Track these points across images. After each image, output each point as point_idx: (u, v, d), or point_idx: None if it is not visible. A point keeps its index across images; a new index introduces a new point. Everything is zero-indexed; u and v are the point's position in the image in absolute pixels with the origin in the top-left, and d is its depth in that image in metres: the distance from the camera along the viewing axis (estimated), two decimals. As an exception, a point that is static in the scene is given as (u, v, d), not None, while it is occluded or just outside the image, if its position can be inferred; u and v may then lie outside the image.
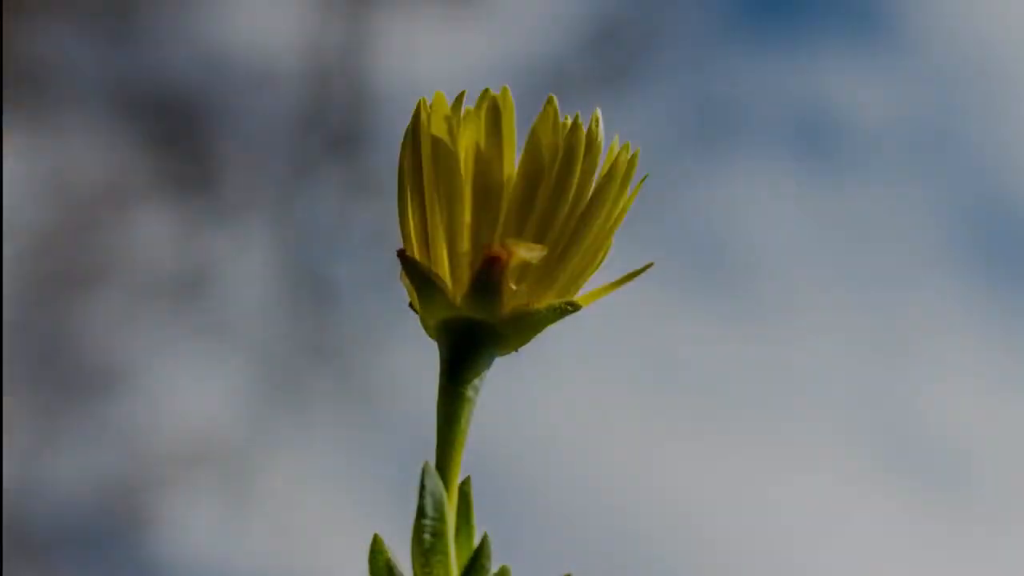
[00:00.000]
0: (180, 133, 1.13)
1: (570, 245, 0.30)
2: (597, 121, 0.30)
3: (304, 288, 1.11)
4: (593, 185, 0.30)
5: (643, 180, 0.31)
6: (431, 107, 0.30)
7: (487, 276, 0.29)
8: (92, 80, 1.13)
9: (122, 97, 1.13)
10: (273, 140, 1.10)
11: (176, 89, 1.13)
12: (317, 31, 1.14)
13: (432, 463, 0.29)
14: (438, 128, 0.29)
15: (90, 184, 1.12)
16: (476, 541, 0.29)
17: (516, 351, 0.31)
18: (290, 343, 1.11)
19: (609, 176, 0.30)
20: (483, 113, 0.29)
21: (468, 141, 0.29)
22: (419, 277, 0.30)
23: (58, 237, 1.12)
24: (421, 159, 0.30)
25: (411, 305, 0.31)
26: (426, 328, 0.30)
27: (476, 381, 0.30)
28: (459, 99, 0.30)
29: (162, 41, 1.14)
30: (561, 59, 1.13)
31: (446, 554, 0.28)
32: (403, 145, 0.30)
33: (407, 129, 0.30)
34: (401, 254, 0.30)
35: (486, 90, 0.30)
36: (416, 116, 0.30)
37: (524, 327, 0.30)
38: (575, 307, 0.30)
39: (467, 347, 0.30)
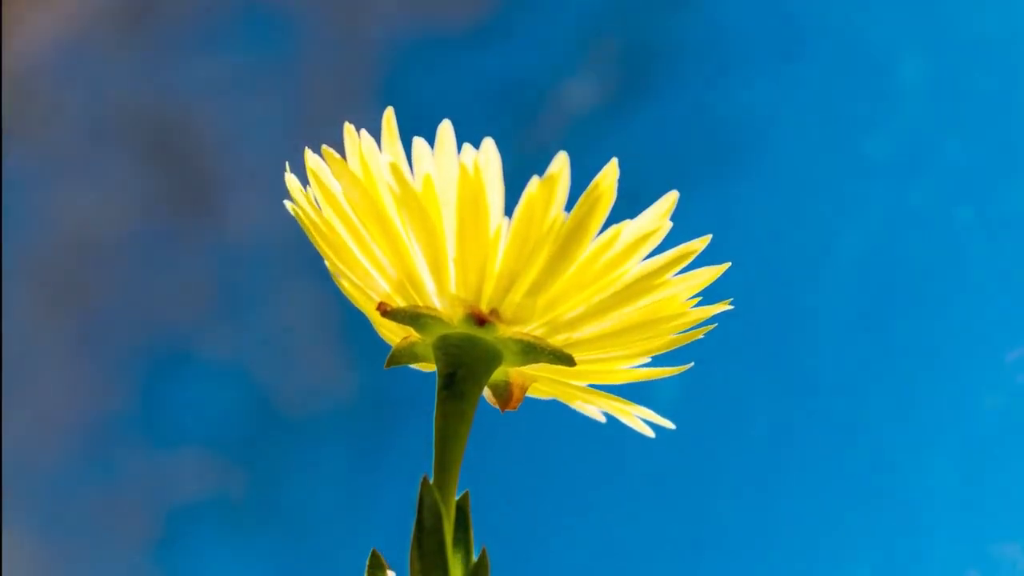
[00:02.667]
0: (182, 148, 1.13)
1: (586, 312, 0.29)
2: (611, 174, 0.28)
3: (302, 306, 1.11)
4: (621, 260, 0.29)
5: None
6: (360, 150, 0.29)
7: (480, 322, 0.29)
8: (91, 98, 1.13)
9: (121, 111, 1.13)
10: (273, 154, 1.10)
11: (177, 104, 1.14)
12: (320, 47, 1.14)
13: (430, 478, 0.29)
14: (397, 173, 0.28)
15: (90, 199, 1.12)
16: (475, 556, 0.29)
17: (501, 411, 0.31)
18: (294, 359, 1.11)
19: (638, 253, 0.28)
20: (465, 170, 0.28)
21: (441, 183, 0.28)
22: (411, 318, 0.29)
23: (60, 256, 1.12)
24: (369, 203, 0.29)
25: (389, 362, 0.30)
26: (423, 349, 0.30)
27: (474, 396, 0.30)
28: (388, 124, 0.29)
29: (162, 56, 1.14)
30: (566, 74, 1.13)
31: (444, 569, 0.28)
32: (325, 192, 0.29)
33: (331, 177, 0.29)
34: (383, 310, 0.29)
35: (445, 123, 0.29)
36: (339, 166, 0.29)
37: (520, 349, 0.29)
38: (568, 361, 0.29)
39: (465, 362, 0.29)
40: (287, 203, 0.31)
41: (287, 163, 0.30)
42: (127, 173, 1.14)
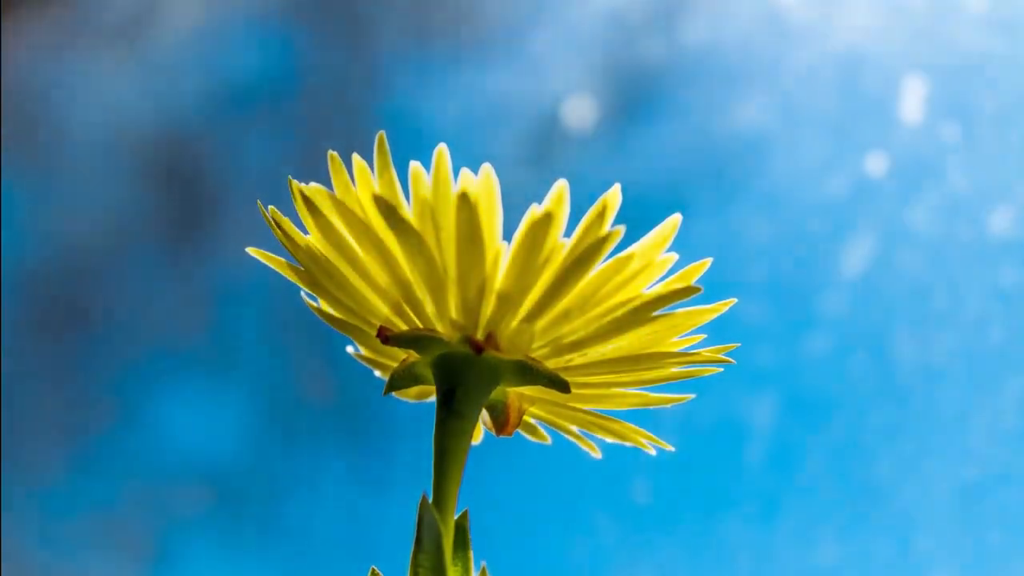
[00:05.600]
0: (180, 168, 1.13)
1: (584, 337, 0.29)
2: (611, 205, 0.27)
3: (305, 324, 1.10)
4: (615, 289, 0.28)
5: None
6: (357, 176, 0.28)
7: (477, 349, 0.29)
8: (91, 115, 1.13)
9: (120, 130, 1.13)
10: (273, 177, 1.10)
11: (175, 123, 1.14)
12: (319, 64, 1.14)
13: (429, 496, 0.29)
14: (386, 206, 0.28)
15: (88, 219, 1.12)
16: (474, 575, 0.29)
17: (496, 434, 0.31)
18: (291, 378, 1.11)
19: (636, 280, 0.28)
20: (458, 204, 0.27)
21: (438, 208, 0.28)
22: (411, 341, 0.29)
23: (56, 272, 1.12)
24: (365, 233, 0.28)
25: (388, 388, 0.30)
26: (422, 369, 0.30)
27: (473, 414, 0.29)
28: (381, 148, 0.29)
29: (161, 74, 1.14)
30: (566, 97, 1.13)
31: (443, 588, 0.28)
32: (316, 216, 0.29)
33: (323, 203, 0.28)
34: (384, 336, 0.29)
35: (440, 147, 0.28)
36: (333, 201, 0.28)
37: (517, 369, 0.29)
38: (564, 388, 0.29)
39: (464, 380, 0.29)
40: (250, 249, 0.30)
41: (259, 201, 0.30)
42: (126, 193, 1.14)
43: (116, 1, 1.16)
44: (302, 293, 0.31)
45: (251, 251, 0.30)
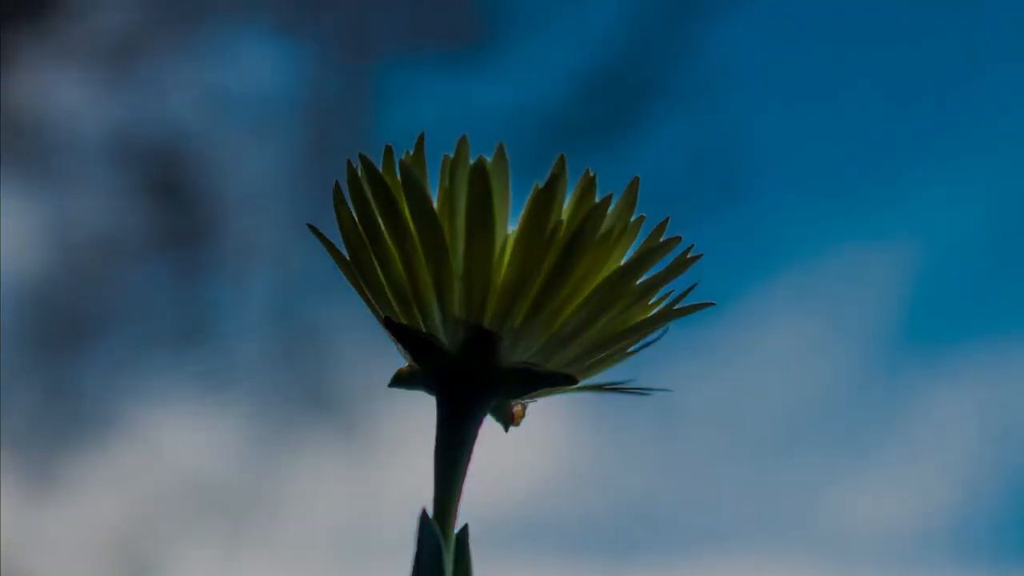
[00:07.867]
0: (178, 181, 1.13)
1: (580, 323, 0.29)
2: (590, 183, 0.28)
3: (302, 336, 1.11)
4: (608, 266, 0.29)
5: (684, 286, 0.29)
6: (388, 160, 0.29)
7: (480, 345, 0.29)
8: (89, 128, 1.13)
9: (119, 145, 1.13)
10: (271, 188, 1.11)
11: (174, 137, 1.14)
12: (317, 78, 1.14)
13: (430, 510, 0.28)
14: (412, 184, 0.28)
15: (88, 233, 1.12)
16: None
17: (506, 429, 0.31)
18: (288, 391, 1.11)
19: (631, 257, 0.29)
20: (471, 174, 0.28)
21: (455, 194, 0.28)
22: (412, 341, 0.29)
23: (55, 286, 1.12)
24: (388, 216, 0.29)
25: (393, 383, 0.30)
26: (423, 378, 0.30)
27: (473, 428, 0.29)
28: (419, 145, 0.29)
29: (160, 88, 1.14)
30: (564, 106, 1.13)
31: (444, 602, 0.28)
32: (356, 201, 0.29)
33: (360, 185, 0.29)
34: (389, 323, 0.29)
35: (462, 138, 0.29)
36: (370, 170, 0.29)
37: (520, 379, 0.29)
38: (571, 381, 0.29)
39: (464, 394, 0.29)
40: (309, 225, 0.30)
41: (336, 181, 0.30)
42: (125, 205, 1.14)
43: (115, 16, 1.16)
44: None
45: (309, 226, 0.30)
